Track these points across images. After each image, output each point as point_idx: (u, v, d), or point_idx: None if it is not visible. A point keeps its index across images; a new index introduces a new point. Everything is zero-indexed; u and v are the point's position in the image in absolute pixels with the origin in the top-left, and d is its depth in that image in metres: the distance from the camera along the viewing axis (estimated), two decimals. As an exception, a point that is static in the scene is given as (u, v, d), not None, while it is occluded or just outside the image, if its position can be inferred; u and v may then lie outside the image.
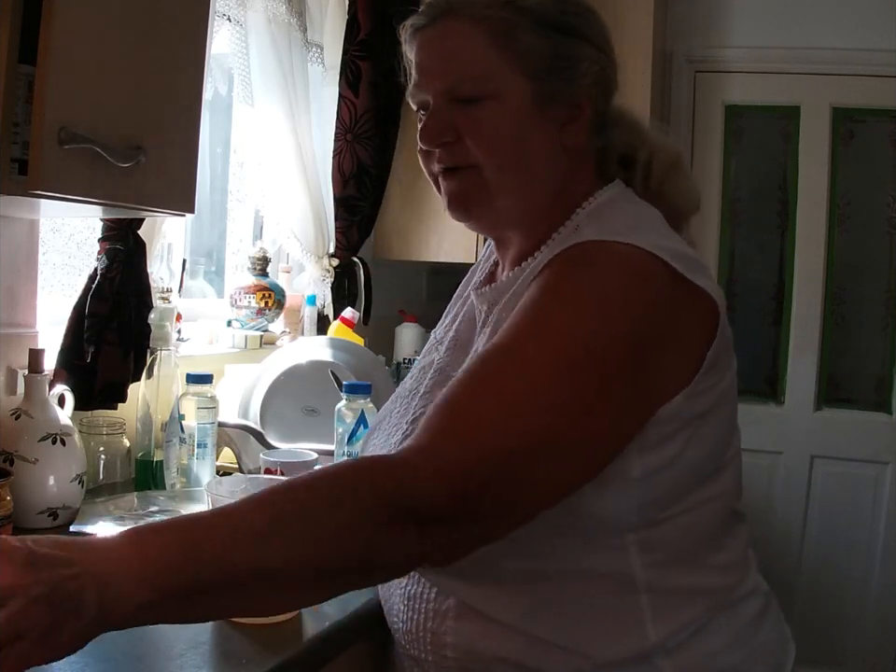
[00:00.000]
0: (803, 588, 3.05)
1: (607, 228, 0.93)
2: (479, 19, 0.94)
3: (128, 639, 0.98)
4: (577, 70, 0.97)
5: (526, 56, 0.95)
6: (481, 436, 0.79)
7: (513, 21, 0.94)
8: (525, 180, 0.98)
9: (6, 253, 1.50)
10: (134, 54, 1.17)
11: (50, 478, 1.35)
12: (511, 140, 0.95)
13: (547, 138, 0.97)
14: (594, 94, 0.98)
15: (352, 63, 2.34)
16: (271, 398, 1.82)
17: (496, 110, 0.95)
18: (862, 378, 3.17)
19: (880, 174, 3.10)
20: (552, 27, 0.95)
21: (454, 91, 0.96)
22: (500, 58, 0.94)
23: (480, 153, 0.96)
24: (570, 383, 0.81)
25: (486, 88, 0.94)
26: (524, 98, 0.95)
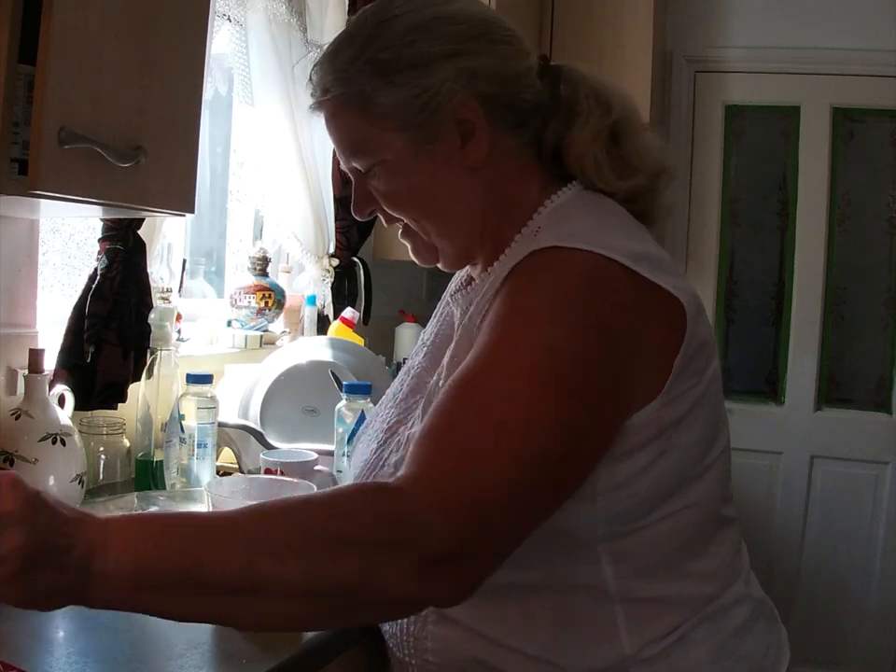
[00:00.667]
0: (803, 588, 3.05)
1: (565, 232, 0.90)
2: (339, 101, 0.97)
3: (128, 639, 0.98)
4: (440, 96, 0.94)
5: (389, 113, 0.95)
6: (480, 468, 0.76)
7: (366, 88, 0.95)
8: (443, 220, 0.99)
9: (6, 253, 1.50)
10: (134, 54, 1.17)
11: (50, 478, 1.35)
12: (409, 193, 0.98)
13: (443, 174, 0.97)
14: (476, 102, 0.95)
15: (352, 63, 2.34)
16: (271, 398, 1.83)
17: (385, 174, 0.97)
18: (862, 378, 3.17)
19: (880, 174, 3.11)
20: (397, 72, 0.94)
21: (358, 168, 1.00)
22: (370, 125, 0.96)
23: (393, 213, 1.00)
24: (544, 403, 0.79)
25: (371, 157, 0.98)
26: (404, 152, 0.96)
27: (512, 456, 0.77)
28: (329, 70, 0.97)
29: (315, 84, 0.99)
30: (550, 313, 0.84)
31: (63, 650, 0.95)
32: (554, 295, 0.85)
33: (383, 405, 1.10)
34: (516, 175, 0.99)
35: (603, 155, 0.96)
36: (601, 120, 0.97)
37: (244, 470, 1.72)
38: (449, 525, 0.73)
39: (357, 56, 0.95)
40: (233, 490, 1.13)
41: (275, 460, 1.47)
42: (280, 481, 1.19)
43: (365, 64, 0.95)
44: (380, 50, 0.94)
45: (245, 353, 2.07)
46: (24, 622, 1.01)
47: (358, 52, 0.95)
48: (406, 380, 1.07)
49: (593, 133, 0.96)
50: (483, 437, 0.78)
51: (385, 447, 0.99)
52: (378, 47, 0.94)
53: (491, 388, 0.80)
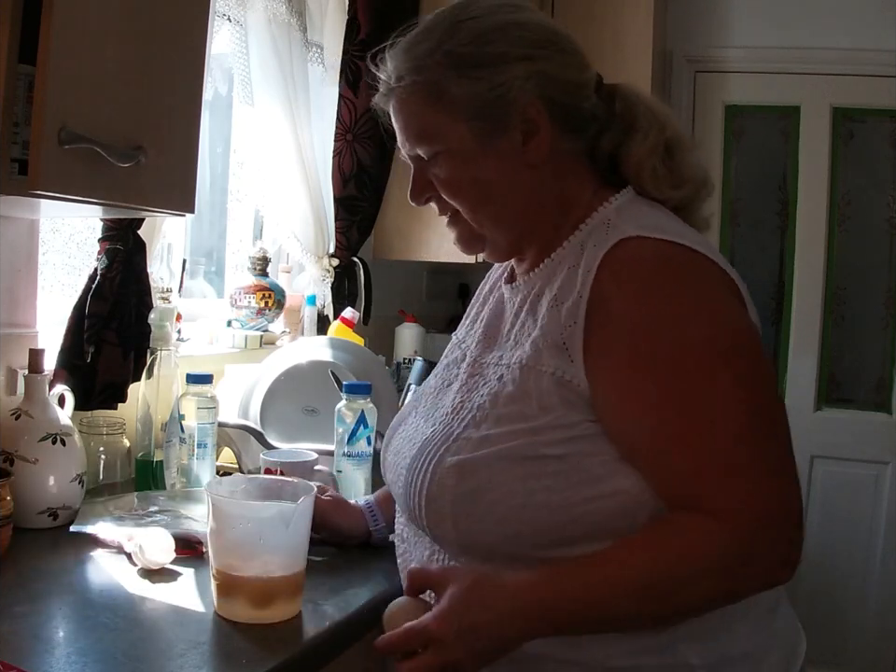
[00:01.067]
0: (803, 588, 3.04)
1: (645, 224, 0.98)
2: (409, 88, 1.03)
3: (128, 639, 0.99)
4: (510, 95, 1.01)
5: (460, 104, 1.01)
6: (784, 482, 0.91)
7: (437, 79, 1.01)
8: (496, 212, 1.05)
9: (6, 253, 1.50)
10: (134, 54, 1.17)
11: (50, 478, 1.35)
12: (469, 183, 1.04)
13: (505, 168, 1.03)
14: (542, 102, 1.01)
15: (352, 63, 2.34)
16: (271, 398, 1.83)
17: (448, 162, 1.04)
18: (862, 378, 3.17)
19: (880, 174, 3.11)
20: (474, 66, 1.01)
21: (418, 155, 1.06)
22: (439, 114, 1.02)
23: (451, 202, 1.06)
24: (759, 413, 0.92)
25: (435, 146, 1.04)
26: (469, 143, 1.02)
27: (782, 457, 0.91)
28: (404, 59, 1.04)
29: (385, 75, 1.05)
30: (692, 307, 0.94)
31: (62, 650, 0.96)
32: (675, 291, 0.94)
33: (420, 399, 1.16)
34: (571, 175, 1.06)
35: (661, 166, 1.06)
36: (659, 135, 1.06)
37: (244, 470, 1.72)
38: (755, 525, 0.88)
39: (435, 49, 1.02)
40: (233, 490, 1.13)
41: (275, 460, 1.47)
42: (280, 481, 1.19)
43: (442, 57, 1.01)
44: (458, 45, 1.01)
45: (244, 353, 2.07)
46: (24, 622, 1.01)
47: (436, 45, 1.02)
48: (459, 369, 1.12)
49: (651, 145, 1.05)
50: (738, 450, 0.90)
51: (452, 424, 1.03)
52: (457, 42, 1.01)
53: (713, 415, 0.90)
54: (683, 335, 0.92)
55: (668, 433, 0.91)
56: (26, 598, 1.08)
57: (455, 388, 1.09)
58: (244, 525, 1.04)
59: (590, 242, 1.00)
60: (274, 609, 1.06)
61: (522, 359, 0.99)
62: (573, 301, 0.97)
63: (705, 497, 0.89)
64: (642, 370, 0.92)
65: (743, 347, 0.94)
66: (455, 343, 1.20)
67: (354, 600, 1.16)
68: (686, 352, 0.92)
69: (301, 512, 1.05)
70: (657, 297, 0.94)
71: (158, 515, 1.38)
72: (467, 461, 0.97)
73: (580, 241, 1.02)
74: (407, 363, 2.62)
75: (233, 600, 1.05)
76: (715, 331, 0.93)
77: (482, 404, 1.01)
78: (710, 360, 0.91)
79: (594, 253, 0.98)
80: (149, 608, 1.10)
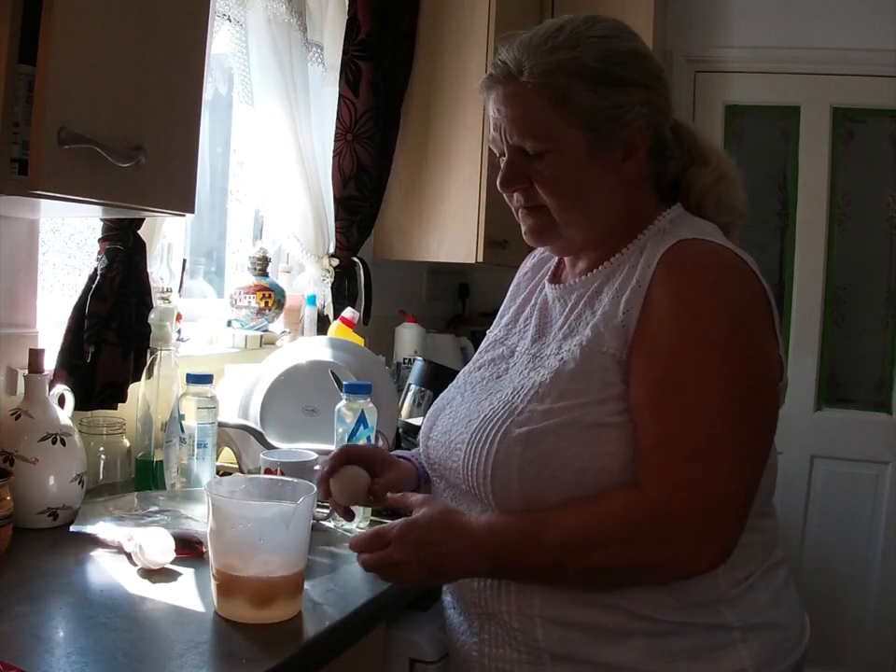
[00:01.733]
0: (803, 588, 3.02)
1: (697, 231, 1.09)
2: (537, 86, 1.09)
3: (128, 639, 0.99)
4: (627, 116, 1.10)
5: (581, 113, 1.09)
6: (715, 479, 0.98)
7: (568, 85, 1.08)
8: (587, 215, 1.14)
9: (6, 253, 1.50)
10: (134, 54, 1.17)
11: (50, 478, 1.35)
12: (571, 186, 1.11)
13: (604, 178, 1.12)
14: (647, 130, 1.12)
15: (352, 63, 2.34)
16: (271, 398, 1.83)
17: (556, 162, 1.10)
18: (862, 378, 3.17)
19: (880, 174, 3.10)
20: (601, 82, 1.09)
21: (522, 147, 1.12)
22: (558, 117, 1.09)
23: (546, 198, 1.12)
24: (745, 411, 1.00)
25: (547, 144, 1.10)
26: (580, 149, 1.10)
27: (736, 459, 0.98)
28: (536, 57, 1.09)
29: (513, 61, 1.10)
30: (713, 309, 1.02)
31: (62, 650, 0.96)
32: (713, 289, 1.03)
33: (466, 388, 1.23)
34: (644, 192, 1.17)
35: (725, 195, 1.19)
36: (724, 169, 1.19)
37: (244, 470, 1.72)
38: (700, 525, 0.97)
39: (570, 58, 1.09)
40: (233, 490, 1.13)
41: (275, 460, 1.47)
42: (280, 480, 1.19)
43: (575, 66, 1.09)
44: (591, 60, 1.09)
45: (244, 353, 2.07)
46: (24, 622, 1.01)
47: (571, 56, 1.09)
48: (510, 363, 1.21)
49: (717, 177, 1.18)
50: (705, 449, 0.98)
51: (514, 402, 1.10)
52: (590, 57, 1.09)
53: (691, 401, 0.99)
54: (703, 335, 1.01)
55: (651, 419, 1.01)
56: (26, 598, 1.08)
57: (512, 376, 1.17)
58: (244, 525, 1.04)
59: (649, 245, 1.11)
60: (274, 608, 1.06)
61: (582, 342, 1.08)
62: (632, 290, 1.07)
63: (646, 477, 0.99)
64: (656, 357, 1.02)
65: (754, 372, 1.02)
66: (494, 341, 1.28)
67: (354, 600, 1.16)
68: (692, 346, 1.01)
69: (301, 512, 1.05)
70: (695, 295, 1.03)
71: (158, 515, 1.38)
72: (534, 430, 1.05)
73: (639, 246, 1.13)
74: (407, 363, 2.62)
75: (233, 600, 1.05)
76: (722, 337, 1.01)
77: (543, 381, 1.09)
78: (713, 366, 1.00)
79: (653, 251, 1.08)
80: (149, 608, 1.10)
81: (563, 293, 1.19)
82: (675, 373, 1.01)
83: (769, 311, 1.07)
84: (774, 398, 1.05)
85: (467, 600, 1.14)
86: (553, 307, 1.21)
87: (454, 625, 1.18)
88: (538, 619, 1.06)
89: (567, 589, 1.05)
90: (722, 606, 1.05)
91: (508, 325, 1.29)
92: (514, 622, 1.08)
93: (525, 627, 1.07)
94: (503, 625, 1.09)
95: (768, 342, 1.06)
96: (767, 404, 1.03)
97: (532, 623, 1.06)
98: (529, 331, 1.22)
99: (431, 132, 2.59)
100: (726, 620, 1.05)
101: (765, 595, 1.09)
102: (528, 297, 1.28)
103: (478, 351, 1.30)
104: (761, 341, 1.04)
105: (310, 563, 1.11)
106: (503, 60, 1.11)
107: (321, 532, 1.42)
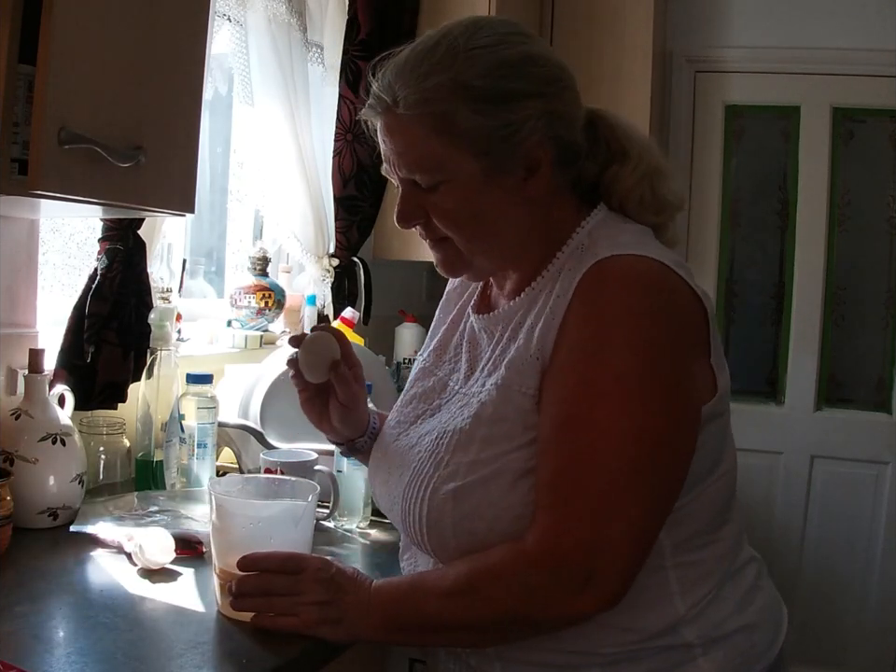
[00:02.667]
0: (803, 588, 3.05)
1: (616, 243, 1.00)
2: (417, 116, 0.99)
3: (128, 639, 0.99)
4: (521, 133, 1.00)
5: (468, 138, 0.99)
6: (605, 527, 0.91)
7: (451, 111, 0.98)
8: (492, 243, 1.06)
9: (6, 253, 1.50)
10: (134, 54, 1.17)
11: (50, 478, 1.35)
12: (470, 215, 1.03)
13: (507, 200, 1.03)
14: (548, 142, 1.02)
15: (352, 63, 2.34)
16: (271, 398, 1.82)
17: (451, 192, 1.02)
18: (862, 378, 3.17)
19: (880, 174, 3.10)
20: (487, 101, 0.99)
21: (413, 180, 1.03)
22: (444, 146, 1.00)
23: (446, 230, 1.04)
24: (650, 451, 0.93)
25: (437, 176, 1.01)
26: (474, 176, 1.01)
27: (629, 502, 0.92)
28: (411, 84, 0.99)
29: (387, 92, 1.01)
30: (624, 339, 0.94)
31: (62, 650, 0.96)
32: (626, 318, 0.95)
33: (405, 422, 1.16)
34: (559, 203, 1.07)
35: (649, 194, 1.08)
36: (648, 163, 1.09)
37: (244, 470, 1.72)
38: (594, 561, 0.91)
39: (448, 79, 0.98)
40: (230, 490, 1.13)
41: (275, 460, 1.47)
42: (278, 480, 1.19)
43: (455, 88, 0.98)
44: (472, 78, 0.98)
45: (244, 353, 2.07)
46: (24, 622, 1.01)
47: (449, 75, 0.98)
48: (445, 404, 1.12)
49: (640, 174, 1.08)
50: (596, 490, 0.92)
51: (440, 451, 1.04)
52: (471, 74, 0.99)
53: (600, 444, 0.92)
54: (611, 368, 0.94)
55: (548, 455, 0.95)
56: (26, 598, 1.08)
57: (442, 417, 1.09)
58: (253, 525, 1.04)
59: (566, 268, 1.03)
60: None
61: (498, 381, 1.02)
62: (545, 321, 0.99)
63: (531, 524, 0.95)
64: (563, 389, 0.96)
65: (666, 408, 0.94)
66: (423, 370, 1.19)
67: (354, 600, 1.16)
68: (599, 379, 0.94)
69: (308, 511, 1.05)
70: (605, 325, 0.96)
71: (158, 515, 1.38)
72: (463, 486, 0.99)
73: (557, 268, 1.05)
74: (407, 363, 2.62)
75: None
76: (632, 370, 0.93)
77: (464, 428, 1.02)
78: (620, 401, 0.93)
79: (570, 277, 1.00)
80: (149, 608, 1.10)
81: (488, 324, 1.11)
82: (579, 408, 0.94)
83: (695, 328, 0.99)
84: (690, 431, 0.97)
85: None
86: (481, 338, 1.13)
87: (432, 651, 1.15)
88: (494, 659, 1.03)
89: None
90: (681, 626, 1.00)
91: (437, 351, 1.20)
92: (471, 658, 1.05)
93: (482, 665, 1.04)
94: (460, 663, 1.07)
95: (691, 365, 0.98)
96: (680, 441, 0.96)
97: (489, 661, 1.03)
98: (462, 366, 1.14)
99: (431, 132, 2.58)
100: (685, 639, 1.00)
101: (729, 603, 1.03)
102: (457, 318, 1.20)
103: (409, 380, 1.22)
104: (680, 368, 0.96)
105: (310, 563, 1.10)
106: (377, 91, 1.02)
107: (321, 532, 1.42)
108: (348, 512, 1.50)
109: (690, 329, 0.98)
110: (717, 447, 1.03)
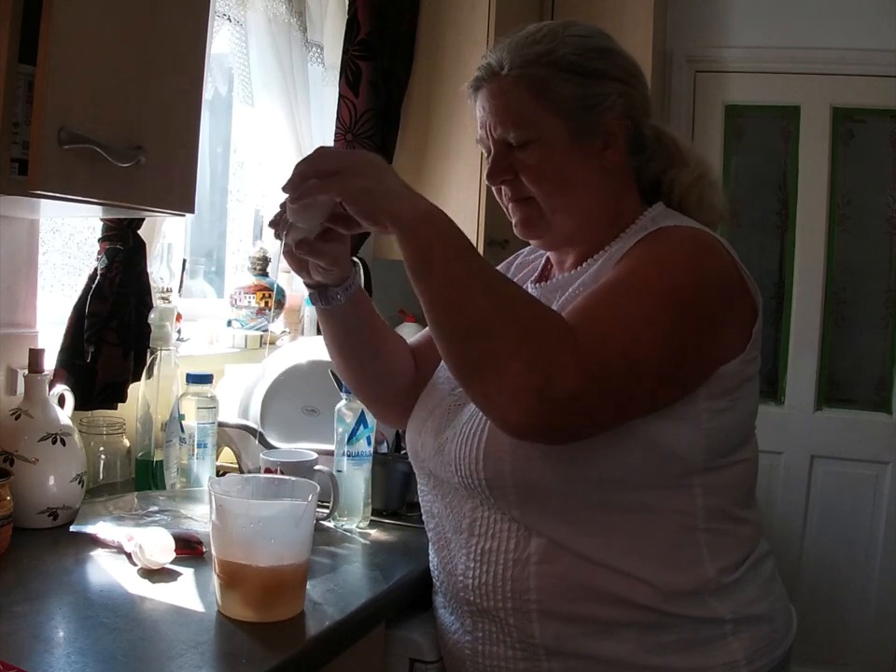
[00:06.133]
0: (803, 588, 3.05)
1: (677, 221, 1.13)
2: (518, 78, 1.13)
3: (128, 639, 0.99)
4: (604, 105, 1.14)
5: (560, 102, 1.13)
6: (615, 350, 0.97)
7: (546, 76, 1.13)
8: (572, 201, 1.16)
9: (6, 253, 1.50)
10: (134, 54, 1.17)
11: (50, 478, 1.35)
12: (555, 172, 1.15)
13: (587, 165, 1.15)
14: (624, 121, 1.16)
15: (352, 63, 2.34)
16: (271, 398, 1.82)
17: (539, 151, 1.14)
18: (862, 378, 3.17)
19: (880, 174, 3.10)
20: (579, 73, 1.14)
21: (506, 140, 1.15)
22: (539, 107, 1.13)
23: (532, 186, 1.15)
24: (667, 324, 1.00)
25: (530, 134, 1.14)
26: (561, 137, 1.14)
27: (638, 346, 0.98)
28: (516, 53, 1.14)
29: (494, 63, 1.15)
30: (677, 262, 1.04)
31: (62, 650, 0.96)
32: (680, 251, 1.06)
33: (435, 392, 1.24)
34: (625, 188, 1.20)
35: (706, 195, 1.21)
36: (704, 171, 1.23)
37: (243, 470, 1.72)
38: (581, 372, 0.94)
39: (548, 52, 1.14)
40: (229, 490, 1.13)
41: (275, 460, 1.47)
42: (277, 479, 1.19)
43: (553, 58, 1.13)
44: (568, 54, 1.14)
45: (244, 353, 2.07)
46: (24, 622, 1.01)
47: (549, 49, 1.14)
48: None
49: (696, 177, 1.21)
50: (622, 327, 0.99)
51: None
52: (567, 51, 1.14)
53: (629, 305, 1.00)
54: (644, 274, 1.03)
55: (594, 295, 1.04)
56: (26, 598, 1.08)
57: None
58: (254, 525, 1.04)
59: (630, 240, 1.13)
60: (278, 607, 1.06)
61: None
62: (605, 266, 1.11)
63: None
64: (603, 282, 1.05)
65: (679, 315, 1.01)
66: None
67: (354, 600, 1.16)
68: (637, 282, 1.03)
69: (309, 510, 1.06)
70: (652, 250, 1.06)
71: (158, 515, 1.38)
72: None
73: (620, 244, 1.15)
74: (407, 363, 2.61)
75: (238, 598, 1.05)
76: (667, 288, 1.01)
77: None
78: (644, 297, 1.01)
79: (633, 239, 1.11)
80: (149, 608, 1.10)
81: (547, 291, 1.21)
82: (606, 294, 1.02)
83: (739, 290, 1.09)
84: (693, 361, 1.04)
85: (459, 598, 1.14)
86: None
87: (445, 625, 1.19)
88: (534, 614, 1.07)
89: (561, 582, 1.05)
90: (710, 597, 1.06)
91: None
92: (510, 618, 1.08)
93: (521, 623, 1.07)
94: (498, 622, 1.09)
95: (726, 327, 1.07)
96: (685, 357, 1.03)
97: (528, 619, 1.07)
98: None
99: (431, 132, 2.59)
100: (717, 612, 1.07)
101: (754, 588, 1.11)
102: None
103: None
104: (713, 314, 1.05)
105: (310, 563, 1.11)
106: (487, 61, 1.17)
107: (321, 532, 1.42)
108: (348, 512, 1.50)
109: (732, 301, 1.08)
110: (747, 420, 1.15)
